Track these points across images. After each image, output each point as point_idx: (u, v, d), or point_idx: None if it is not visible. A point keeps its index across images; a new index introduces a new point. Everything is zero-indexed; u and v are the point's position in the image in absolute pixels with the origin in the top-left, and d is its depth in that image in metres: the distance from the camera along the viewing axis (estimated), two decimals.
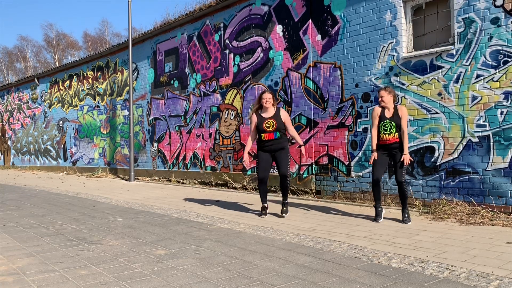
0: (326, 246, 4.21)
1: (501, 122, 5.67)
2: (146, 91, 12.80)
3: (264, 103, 5.67)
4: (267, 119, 5.64)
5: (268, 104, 5.68)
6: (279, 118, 5.66)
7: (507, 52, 5.63)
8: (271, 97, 5.71)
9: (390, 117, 5.11)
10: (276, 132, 5.60)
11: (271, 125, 5.59)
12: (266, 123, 5.62)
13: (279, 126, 5.61)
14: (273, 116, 5.66)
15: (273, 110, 5.74)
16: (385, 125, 5.12)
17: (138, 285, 3.10)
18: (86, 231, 5.13)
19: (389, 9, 6.83)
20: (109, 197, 8.53)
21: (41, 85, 18.97)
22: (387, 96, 5.19)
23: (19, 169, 20.21)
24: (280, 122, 5.65)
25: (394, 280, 3.13)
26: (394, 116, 5.13)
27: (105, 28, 47.18)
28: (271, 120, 5.62)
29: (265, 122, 5.63)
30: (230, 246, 4.25)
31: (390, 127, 5.08)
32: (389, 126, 5.09)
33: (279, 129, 5.62)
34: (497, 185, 5.68)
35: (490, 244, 4.15)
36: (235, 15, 9.75)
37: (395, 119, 5.11)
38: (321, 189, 7.87)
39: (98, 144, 15.15)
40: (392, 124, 5.08)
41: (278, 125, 5.60)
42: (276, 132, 5.60)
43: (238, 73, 9.67)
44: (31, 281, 3.22)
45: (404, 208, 5.31)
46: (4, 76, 43.56)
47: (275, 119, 5.62)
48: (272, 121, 5.60)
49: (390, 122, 5.08)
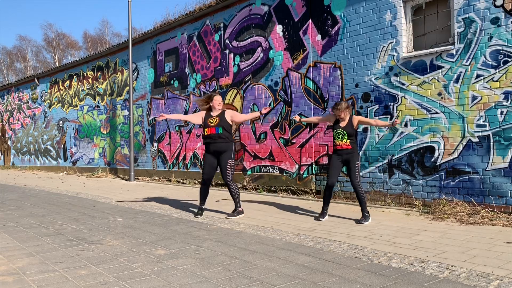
0: (326, 246, 4.21)
1: (501, 122, 5.67)
2: (146, 91, 12.80)
3: (216, 105, 6.07)
4: (213, 117, 6.07)
5: (219, 106, 6.10)
6: (224, 117, 6.05)
7: (507, 52, 5.63)
8: (220, 100, 6.15)
9: (343, 127, 5.59)
10: (218, 128, 5.96)
11: (214, 121, 6.00)
12: (210, 120, 6.05)
13: (221, 123, 5.98)
14: (218, 115, 6.08)
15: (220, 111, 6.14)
16: (338, 132, 5.62)
17: (138, 285, 3.10)
18: (86, 231, 5.13)
19: (389, 9, 6.83)
20: (109, 197, 8.53)
21: (41, 85, 18.97)
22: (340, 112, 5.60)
23: (19, 169, 20.21)
24: (224, 121, 6.01)
25: (394, 280, 3.13)
26: (347, 126, 5.59)
27: (105, 28, 47.21)
28: (216, 117, 6.04)
29: (210, 118, 6.07)
30: (230, 246, 4.25)
31: (343, 135, 5.56)
32: (342, 134, 5.58)
33: (222, 126, 5.97)
34: (497, 185, 5.68)
35: (490, 244, 4.15)
36: (235, 15, 9.75)
37: (348, 129, 5.57)
38: (321, 189, 7.87)
39: (98, 144, 15.15)
40: (344, 133, 5.56)
41: (220, 121, 5.99)
42: (218, 128, 5.96)
43: (238, 73, 9.67)
44: (31, 281, 3.22)
45: (363, 209, 5.53)
46: (4, 76, 43.57)
47: (219, 117, 6.03)
48: (216, 118, 6.02)
49: (342, 131, 5.57)
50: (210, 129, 5.96)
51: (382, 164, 6.93)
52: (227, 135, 5.98)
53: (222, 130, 5.94)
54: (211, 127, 5.96)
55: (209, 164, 6.05)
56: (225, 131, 5.96)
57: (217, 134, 5.94)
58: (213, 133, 5.94)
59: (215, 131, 5.93)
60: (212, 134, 5.95)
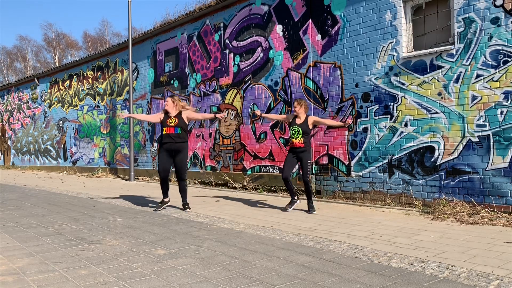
0: (326, 245, 4.21)
1: (501, 122, 5.67)
2: (146, 91, 12.80)
3: (165, 106, 6.46)
4: (171, 117, 6.41)
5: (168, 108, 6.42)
6: (181, 117, 6.39)
7: (507, 52, 5.63)
8: (171, 102, 6.47)
9: (299, 124, 5.97)
10: (177, 128, 6.31)
11: (173, 122, 6.33)
12: (169, 120, 6.37)
13: (180, 124, 6.34)
14: (177, 115, 6.43)
15: (177, 112, 6.47)
16: (294, 129, 5.98)
17: (138, 285, 3.10)
18: (86, 231, 5.13)
19: (389, 9, 6.83)
20: (109, 197, 8.53)
21: (41, 85, 18.97)
22: (299, 107, 6.07)
23: (19, 169, 20.21)
24: (182, 121, 6.36)
25: (394, 280, 3.13)
26: (303, 124, 5.99)
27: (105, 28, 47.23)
28: (174, 118, 6.39)
29: (169, 119, 6.39)
30: (230, 246, 4.25)
31: (297, 132, 5.95)
32: (297, 131, 5.95)
33: (181, 126, 6.33)
34: (497, 184, 5.68)
35: (490, 244, 4.15)
36: (235, 14, 9.75)
37: (303, 127, 5.98)
38: (321, 189, 7.87)
39: (98, 144, 15.15)
40: (299, 130, 5.94)
41: (179, 122, 6.35)
42: (177, 128, 6.31)
43: (238, 73, 9.67)
44: (31, 281, 3.22)
45: (309, 202, 6.17)
46: (4, 76, 43.56)
47: (177, 118, 6.39)
48: (175, 119, 6.37)
49: (298, 128, 5.94)
50: (169, 128, 6.30)
51: (382, 164, 6.93)
52: (184, 135, 6.38)
53: (180, 130, 6.32)
54: (170, 127, 6.30)
55: (165, 162, 6.42)
56: (183, 131, 6.36)
57: (175, 133, 6.29)
58: (171, 133, 6.29)
59: (174, 131, 6.29)
60: (171, 133, 6.29)
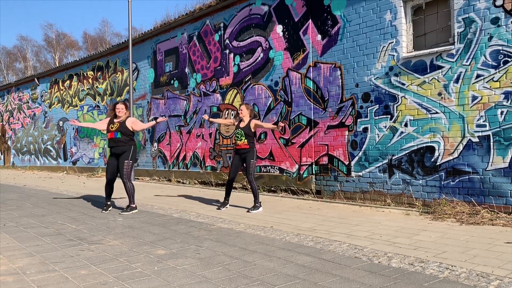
0: (326, 246, 4.21)
1: (501, 122, 5.67)
2: (146, 91, 12.80)
3: (117, 112, 6.61)
4: (114, 123, 6.62)
5: (121, 113, 6.60)
6: (124, 123, 6.59)
7: (507, 52, 5.63)
8: (124, 108, 6.66)
9: (242, 127, 6.37)
10: (116, 132, 6.51)
11: (115, 127, 6.56)
12: (111, 125, 6.61)
13: (120, 128, 6.53)
14: (120, 121, 6.63)
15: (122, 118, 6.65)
16: (238, 133, 6.39)
17: (138, 285, 3.10)
18: (86, 231, 5.13)
19: (389, 9, 6.83)
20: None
21: (41, 85, 18.97)
22: (245, 110, 6.48)
23: (19, 169, 20.21)
24: (124, 126, 6.55)
25: (394, 280, 3.13)
26: (246, 127, 6.37)
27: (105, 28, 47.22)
28: (117, 123, 6.60)
29: (112, 124, 6.63)
30: (230, 246, 4.25)
31: (241, 135, 6.34)
32: (240, 134, 6.35)
33: (120, 131, 6.52)
34: (497, 185, 5.68)
35: (490, 244, 4.15)
36: (235, 15, 9.75)
37: (245, 130, 6.37)
38: (321, 189, 7.87)
39: (98, 144, 15.15)
40: (242, 133, 6.34)
41: (120, 127, 6.54)
42: (116, 132, 6.51)
43: (238, 73, 9.67)
44: (31, 281, 3.22)
45: (255, 200, 6.42)
46: (4, 76, 43.56)
47: (120, 123, 6.59)
48: (117, 124, 6.58)
49: (241, 131, 6.34)
50: (110, 133, 6.56)
51: (382, 164, 6.93)
52: (125, 139, 6.55)
53: (120, 135, 6.52)
54: (111, 132, 6.55)
55: (111, 165, 6.67)
56: (123, 136, 6.54)
57: (115, 138, 6.52)
58: (112, 137, 6.54)
59: (114, 135, 6.52)
60: (111, 138, 6.55)
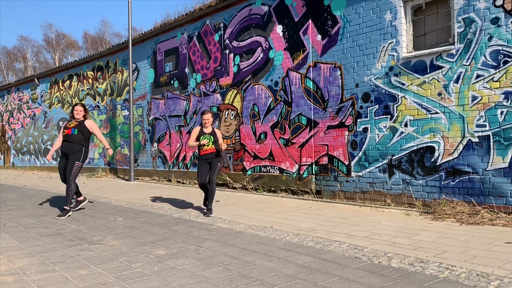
0: (326, 246, 4.21)
1: (501, 122, 5.67)
2: (146, 91, 12.80)
3: (75, 114, 6.68)
4: (73, 121, 6.65)
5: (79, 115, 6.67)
6: (83, 123, 6.64)
7: (507, 52, 5.63)
8: (82, 109, 6.73)
9: (209, 133, 6.50)
10: (74, 129, 6.51)
11: (73, 124, 6.57)
12: (69, 123, 6.63)
13: (78, 126, 6.55)
14: (78, 120, 6.66)
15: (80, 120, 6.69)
16: (205, 138, 6.46)
17: (138, 285, 3.10)
18: (86, 231, 5.13)
19: (389, 9, 6.83)
20: (109, 197, 8.53)
21: (41, 85, 18.97)
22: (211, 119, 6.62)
23: (19, 169, 20.21)
24: (82, 125, 6.58)
25: (394, 280, 3.13)
26: (211, 133, 6.52)
27: (105, 28, 47.22)
28: (75, 122, 6.64)
29: (69, 122, 6.66)
30: (230, 246, 4.25)
31: (209, 140, 6.46)
32: (208, 139, 6.47)
33: (78, 129, 6.52)
34: (497, 185, 5.68)
35: (490, 244, 4.15)
36: (235, 15, 9.75)
37: (213, 135, 6.51)
38: (321, 189, 7.87)
39: (98, 144, 15.15)
40: (211, 138, 6.47)
41: (78, 125, 6.57)
42: (74, 129, 6.51)
43: (238, 73, 9.67)
44: (31, 281, 3.22)
45: (209, 203, 6.36)
46: (4, 76, 43.56)
47: (78, 122, 6.63)
48: (74, 123, 6.61)
49: (209, 136, 6.47)
50: (68, 130, 6.53)
51: (382, 164, 6.93)
52: (81, 137, 6.54)
53: (77, 132, 6.52)
54: (68, 129, 6.53)
55: (61, 165, 6.64)
56: (80, 134, 6.53)
57: (72, 134, 6.48)
58: (68, 133, 6.50)
59: (71, 131, 6.50)
60: (68, 134, 6.50)
